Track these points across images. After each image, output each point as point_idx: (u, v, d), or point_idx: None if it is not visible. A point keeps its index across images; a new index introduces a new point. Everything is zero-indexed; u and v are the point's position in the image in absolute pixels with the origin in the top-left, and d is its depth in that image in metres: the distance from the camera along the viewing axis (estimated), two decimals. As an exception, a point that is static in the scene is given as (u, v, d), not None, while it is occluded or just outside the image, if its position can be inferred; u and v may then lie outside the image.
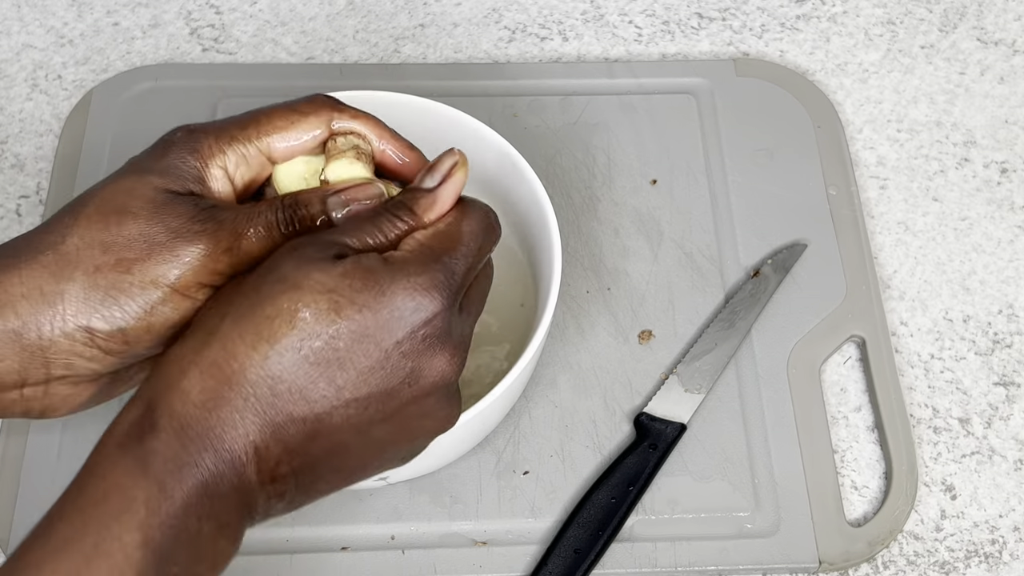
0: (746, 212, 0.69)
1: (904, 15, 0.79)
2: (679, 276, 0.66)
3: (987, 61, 0.77)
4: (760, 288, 0.65)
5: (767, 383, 0.63)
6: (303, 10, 0.78)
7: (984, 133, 0.74)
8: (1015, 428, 0.63)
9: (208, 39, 0.76)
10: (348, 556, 0.58)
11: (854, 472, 0.62)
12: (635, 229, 0.68)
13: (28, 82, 0.74)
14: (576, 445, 0.61)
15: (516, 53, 0.76)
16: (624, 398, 0.62)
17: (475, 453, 0.60)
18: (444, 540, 0.58)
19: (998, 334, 0.66)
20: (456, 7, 0.78)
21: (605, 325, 0.65)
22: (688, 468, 0.60)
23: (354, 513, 0.58)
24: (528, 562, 0.58)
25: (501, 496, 0.59)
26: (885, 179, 0.72)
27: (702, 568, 0.58)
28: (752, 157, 0.71)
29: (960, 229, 0.70)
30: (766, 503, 0.59)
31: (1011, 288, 0.68)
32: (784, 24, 0.79)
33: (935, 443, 0.63)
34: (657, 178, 0.70)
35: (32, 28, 0.77)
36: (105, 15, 0.77)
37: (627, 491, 0.58)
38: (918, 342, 0.66)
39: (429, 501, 0.59)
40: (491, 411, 0.52)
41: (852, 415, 0.63)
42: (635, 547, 0.58)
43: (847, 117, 0.74)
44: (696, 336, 0.64)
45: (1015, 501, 0.61)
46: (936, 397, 0.64)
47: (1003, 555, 0.60)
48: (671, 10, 0.79)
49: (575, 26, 0.78)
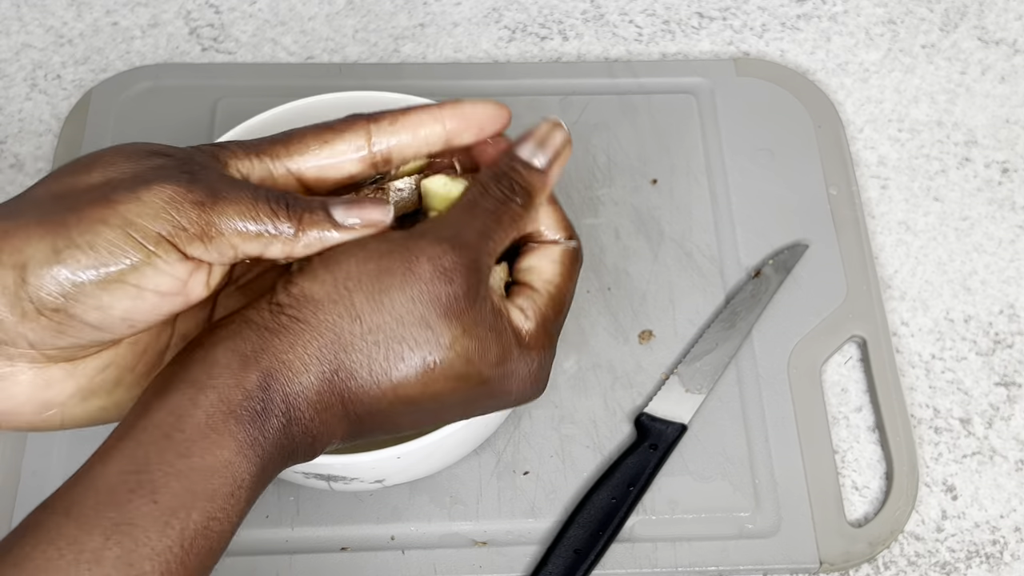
0: (746, 212, 0.69)
1: (905, 14, 0.79)
2: (679, 276, 0.66)
3: (988, 61, 0.77)
4: (761, 288, 0.65)
5: (768, 383, 0.63)
6: (302, 10, 0.78)
7: (985, 133, 0.74)
8: (1016, 428, 0.63)
9: (207, 39, 0.76)
10: (348, 556, 0.57)
11: (855, 472, 0.62)
12: (635, 229, 0.68)
13: (27, 82, 0.74)
14: (576, 445, 0.61)
15: (516, 53, 0.76)
16: (625, 398, 0.62)
17: (475, 453, 0.60)
18: (444, 540, 0.58)
19: (999, 334, 0.66)
20: (456, 7, 0.78)
21: (605, 325, 0.65)
22: (689, 468, 0.60)
23: (354, 513, 0.58)
24: (528, 562, 0.58)
25: (501, 496, 0.59)
26: (886, 179, 0.72)
27: (702, 568, 0.58)
28: (753, 157, 0.71)
29: (961, 229, 0.70)
30: (767, 503, 0.59)
31: (1012, 288, 0.68)
32: (785, 24, 0.78)
33: (936, 443, 0.63)
34: (657, 178, 0.70)
35: (31, 28, 0.76)
36: (104, 15, 0.77)
37: (627, 491, 0.58)
38: (919, 342, 0.66)
39: (429, 501, 0.59)
40: (492, 413, 0.52)
41: (853, 415, 0.63)
42: (635, 547, 0.58)
43: (848, 117, 0.74)
44: (697, 336, 0.64)
45: (1016, 501, 0.61)
46: (937, 397, 0.64)
47: (1004, 555, 0.60)
48: (671, 10, 0.79)
49: (575, 26, 0.78)
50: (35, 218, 0.38)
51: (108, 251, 0.37)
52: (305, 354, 0.39)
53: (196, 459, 0.36)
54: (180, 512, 0.35)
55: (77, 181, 0.39)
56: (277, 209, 0.40)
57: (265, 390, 0.38)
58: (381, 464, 0.51)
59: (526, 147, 0.44)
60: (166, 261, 0.38)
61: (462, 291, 0.40)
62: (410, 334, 0.40)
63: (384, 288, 0.40)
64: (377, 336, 0.39)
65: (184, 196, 0.38)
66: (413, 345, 0.40)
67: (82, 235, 0.37)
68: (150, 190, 0.38)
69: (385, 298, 0.39)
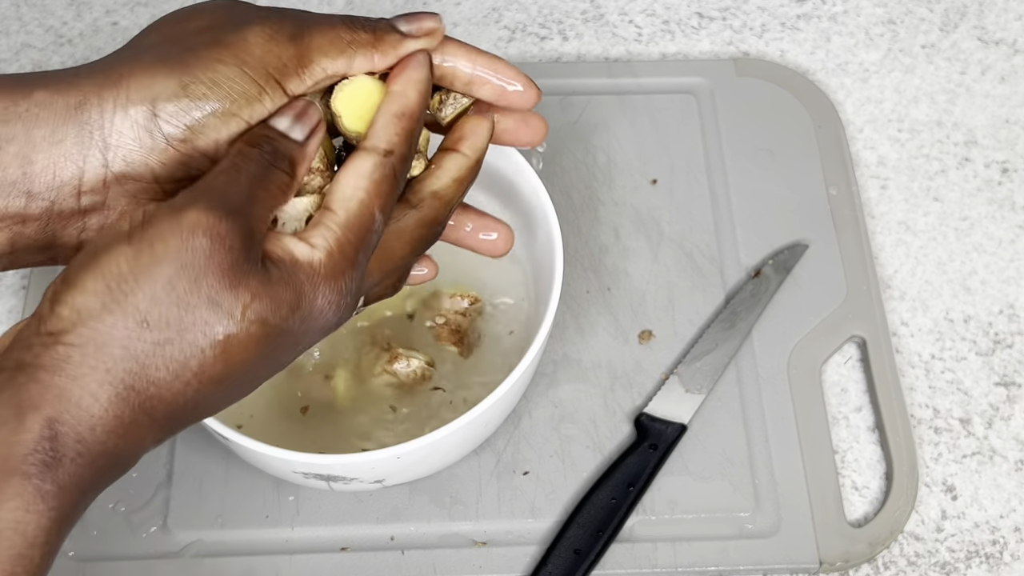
0: (746, 212, 0.69)
1: (905, 15, 0.79)
2: (679, 276, 0.66)
3: (988, 61, 0.77)
4: (761, 288, 0.65)
5: (768, 383, 0.63)
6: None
7: (985, 133, 0.74)
8: (1016, 428, 0.63)
9: (207, 39, 0.76)
10: (348, 556, 0.57)
11: (855, 472, 0.62)
12: (635, 229, 0.68)
13: (27, 82, 0.74)
14: (576, 445, 0.61)
15: (516, 53, 0.76)
16: (624, 398, 0.62)
17: (475, 453, 0.60)
18: (444, 540, 0.58)
19: (999, 334, 0.66)
20: (456, 7, 0.78)
21: (605, 325, 0.65)
22: (688, 468, 0.60)
23: (354, 513, 0.58)
24: (528, 562, 0.58)
25: (501, 496, 0.59)
26: (886, 179, 0.72)
27: (702, 568, 0.58)
28: (752, 157, 0.71)
29: (961, 229, 0.70)
30: (766, 503, 0.59)
31: (1012, 288, 0.68)
32: (784, 24, 0.78)
33: (936, 443, 0.63)
34: (657, 178, 0.70)
35: (31, 28, 0.76)
36: (104, 15, 0.77)
37: (627, 491, 0.58)
38: (919, 342, 0.66)
39: (429, 502, 0.59)
40: (492, 413, 0.52)
41: (853, 415, 0.63)
42: (635, 547, 0.58)
43: (848, 117, 0.74)
44: (697, 336, 0.64)
45: (1016, 501, 0.61)
46: (937, 397, 0.64)
47: (1004, 555, 0.60)
48: (671, 9, 0.79)
49: (575, 25, 0.78)
50: (156, 59, 0.41)
51: (228, 87, 0.41)
52: (93, 382, 0.36)
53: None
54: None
55: (185, 26, 0.43)
56: (355, 27, 0.44)
57: (51, 439, 0.35)
58: (381, 464, 0.51)
59: (282, 120, 0.43)
60: (272, 98, 0.42)
61: (241, 257, 0.38)
62: (200, 318, 0.37)
63: (163, 278, 0.37)
64: (168, 333, 0.37)
65: (280, 31, 0.42)
66: (205, 328, 0.37)
67: (204, 72, 0.41)
68: (252, 30, 0.42)
69: (167, 289, 0.37)
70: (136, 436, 0.38)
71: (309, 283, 0.40)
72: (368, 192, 0.42)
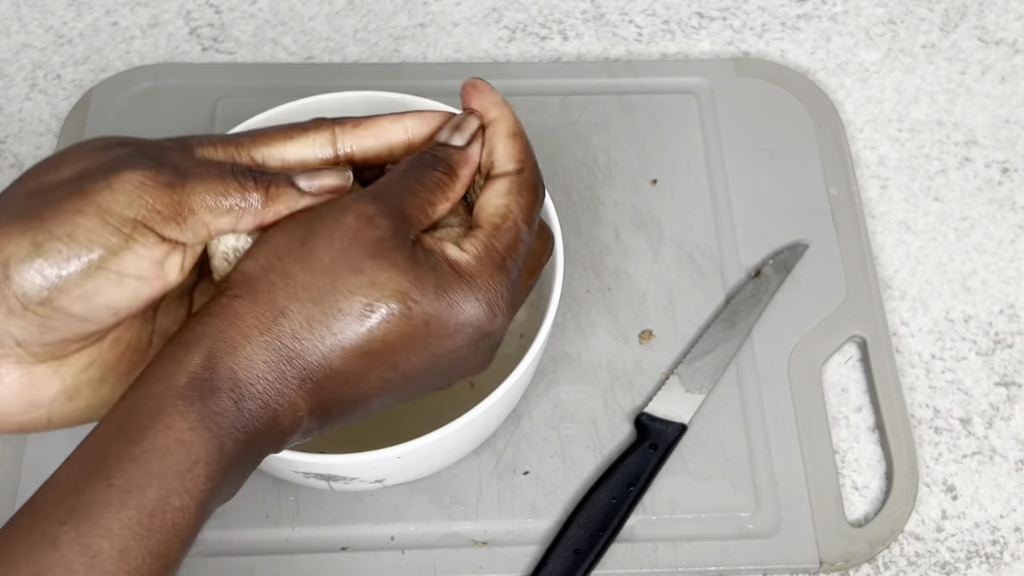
0: (747, 212, 0.69)
1: (905, 15, 0.79)
2: (679, 276, 0.66)
3: (988, 61, 0.77)
4: (761, 288, 0.65)
5: (768, 383, 0.63)
6: (303, 9, 0.78)
7: (985, 133, 0.74)
8: (1016, 428, 0.63)
9: (207, 39, 0.76)
10: (348, 556, 0.57)
11: (855, 472, 0.62)
12: (635, 229, 0.68)
13: (27, 82, 0.74)
14: (576, 445, 0.61)
15: (516, 53, 0.76)
16: (624, 398, 0.62)
17: (475, 453, 0.60)
18: (444, 540, 0.58)
19: (999, 334, 0.66)
20: (456, 6, 0.78)
21: (605, 325, 0.65)
22: (689, 468, 0.60)
23: (354, 513, 0.58)
24: (528, 562, 0.58)
25: (501, 496, 0.59)
26: (886, 179, 0.72)
27: (702, 568, 0.58)
28: (753, 157, 0.71)
29: (961, 229, 0.70)
30: (767, 503, 0.59)
31: (1012, 288, 0.68)
32: (785, 24, 0.78)
33: (936, 443, 0.63)
34: (657, 178, 0.70)
35: (31, 28, 0.76)
36: (104, 14, 0.77)
37: (627, 491, 0.58)
38: (919, 342, 0.66)
39: (429, 501, 0.59)
40: (492, 413, 0.52)
41: (853, 415, 0.63)
42: (635, 547, 0.58)
43: (848, 117, 0.74)
44: (697, 336, 0.64)
45: (1016, 501, 0.61)
46: (937, 397, 0.64)
47: (1004, 555, 0.60)
48: (671, 9, 0.79)
49: (575, 25, 0.78)
50: (12, 217, 0.39)
51: (87, 240, 0.39)
52: (245, 327, 0.40)
53: (148, 443, 0.37)
54: (135, 492, 0.36)
55: (49, 178, 0.41)
56: (244, 182, 0.42)
57: (209, 369, 0.39)
58: (381, 464, 0.51)
59: (444, 132, 0.46)
60: (144, 244, 0.40)
61: (388, 234, 0.41)
62: (343, 283, 0.40)
63: (312, 247, 0.41)
64: (311, 292, 0.40)
65: (154, 179, 0.40)
66: (347, 293, 0.40)
67: (60, 227, 0.38)
68: (120, 177, 0.39)
69: (314, 256, 0.41)
70: (285, 392, 0.40)
71: (455, 277, 0.42)
72: (508, 207, 0.44)
